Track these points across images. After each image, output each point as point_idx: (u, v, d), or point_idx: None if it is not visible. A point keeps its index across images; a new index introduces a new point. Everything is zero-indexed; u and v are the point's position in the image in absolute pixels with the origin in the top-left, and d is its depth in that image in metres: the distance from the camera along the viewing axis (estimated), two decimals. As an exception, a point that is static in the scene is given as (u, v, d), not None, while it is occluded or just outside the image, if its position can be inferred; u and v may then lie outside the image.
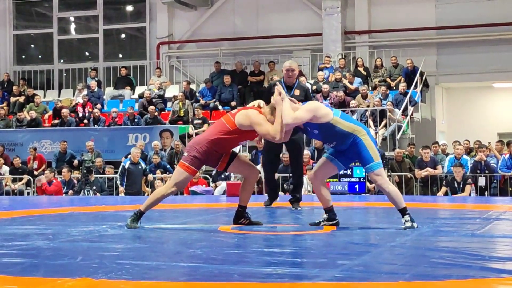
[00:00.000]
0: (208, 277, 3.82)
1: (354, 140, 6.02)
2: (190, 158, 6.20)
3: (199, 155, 6.18)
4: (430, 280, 3.66)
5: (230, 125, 6.14)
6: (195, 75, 20.86)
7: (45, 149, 17.89)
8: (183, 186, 6.39)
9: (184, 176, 6.24)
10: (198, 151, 6.18)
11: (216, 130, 6.22)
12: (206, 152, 6.17)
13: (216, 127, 6.26)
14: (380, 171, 6.06)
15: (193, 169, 6.22)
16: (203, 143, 6.19)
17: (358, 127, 6.08)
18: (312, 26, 19.73)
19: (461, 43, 18.81)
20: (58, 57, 22.52)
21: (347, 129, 6.02)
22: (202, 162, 6.26)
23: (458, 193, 12.97)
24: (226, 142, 6.19)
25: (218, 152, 6.24)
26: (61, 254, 4.65)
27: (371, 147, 6.03)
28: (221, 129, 6.17)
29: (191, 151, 6.22)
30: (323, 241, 5.44)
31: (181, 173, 6.25)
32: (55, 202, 11.57)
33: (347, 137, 6.02)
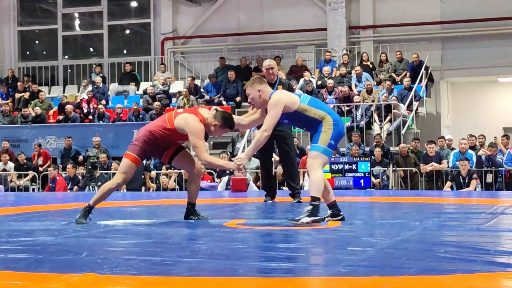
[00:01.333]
0: (213, 272, 3.82)
1: (318, 125, 6.01)
2: (133, 146, 6.31)
3: (141, 144, 6.27)
4: (436, 274, 3.65)
5: (169, 123, 6.21)
6: (200, 70, 20.86)
7: (50, 145, 17.92)
8: (129, 176, 6.37)
9: (127, 164, 6.28)
10: (138, 140, 6.29)
11: (156, 124, 6.31)
12: (146, 142, 6.25)
13: (158, 121, 6.35)
14: (316, 154, 5.94)
15: (135, 157, 6.26)
16: (144, 134, 6.29)
17: (327, 115, 6.03)
18: (316, 21, 19.71)
19: (466, 38, 18.77)
20: (62, 53, 22.54)
21: (315, 116, 6.00)
22: (145, 151, 6.31)
23: (464, 188, 12.95)
24: (163, 137, 6.26)
25: (159, 144, 6.30)
26: (66, 250, 4.65)
27: (325, 132, 5.96)
28: (161, 125, 6.25)
29: (135, 140, 6.35)
30: (328, 236, 5.43)
31: (124, 162, 6.32)
32: (60, 198, 11.59)
33: (316, 123, 6.02)
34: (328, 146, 5.97)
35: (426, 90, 17.95)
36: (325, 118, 6.01)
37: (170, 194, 12.77)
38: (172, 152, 6.41)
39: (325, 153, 5.98)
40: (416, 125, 16.91)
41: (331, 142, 5.99)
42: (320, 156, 5.97)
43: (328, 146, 5.97)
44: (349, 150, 14.98)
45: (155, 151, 6.43)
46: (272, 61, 9.15)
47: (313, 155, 5.98)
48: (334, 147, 6.09)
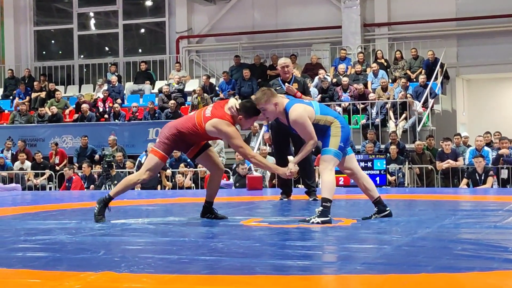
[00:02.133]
0: (230, 270, 3.83)
1: (327, 130, 6.08)
2: (160, 144, 6.26)
3: (167, 141, 6.23)
4: (453, 272, 3.64)
5: (200, 128, 6.16)
6: (215, 69, 20.88)
7: (66, 144, 18.00)
8: (155, 172, 6.42)
9: (154, 162, 6.25)
10: (167, 137, 6.23)
11: (186, 125, 6.24)
12: (174, 139, 6.23)
13: (188, 123, 6.26)
14: (328, 158, 6.03)
15: (162, 154, 6.24)
16: (173, 131, 6.24)
17: (334, 119, 6.11)
18: (331, 19, 19.68)
19: (482, 34, 18.68)
20: (78, 52, 22.63)
21: (325, 123, 6.09)
22: (171, 147, 6.29)
23: (480, 185, 12.89)
24: (194, 137, 6.26)
25: (186, 141, 6.30)
26: (83, 248, 4.68)
27: (334, 135, 6.03)
28: (191, 127, 6.20)
29: (161, 137, 6.28)
30: (345, 234, 5.43)
31: (151, 159, 6.29)
32: (76, 197, 11.64)
33: (324, 129, 6.09)
34: (338, 149, 6.07)
35: (442, 87, 17.88)
36: (334, 123, 6.10)
37: (186, 193, 12.81)
38: (197, 149, 6.40)
39: (337, 155, 6.07)
40: (431, 122, 16.86)
41: (340, 145, 6.09)
42: (332, 159, 6.06)
43: (338, 148, 6.07)
44: (364, 148, 14.95)
45: (181, 147, 6.42)
46: (287, 59, 9.20)
47: (326, 159, 6.06)
48: (343, 149, 6.16)
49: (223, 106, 6.28)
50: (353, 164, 6.34)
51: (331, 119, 6.10)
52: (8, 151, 17.64)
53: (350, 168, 6.31)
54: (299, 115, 6.02)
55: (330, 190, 6.06)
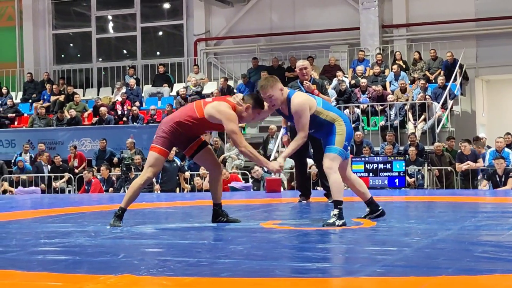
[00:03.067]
0: (249, 273, 3.82)
1: (331, 127, 6.06)
2: (158, 139, 6.18)
3: (165, 135, 6.15)
4: (474, 274, 3.62)
5: (199, 113, 6.07)
6: (233, 71, 20.89)
7: (85, 147, 18.09)
8: (158, 169, 6.32)
9: (154, 158, 6.16)
10: (165, 131, 6.15)
11: (183, 113, 6.17)
12: (172, 132, 6.13)
13: (185, 110, 6.20)
14: (333, 156, 5.99)
15: (161, 149, 6.15)
16: (169, 123, 6.16)
17: (338, 117, 6.09)
18: (349, 20, 19.63)
19: (501, 35, 18.56)
20: (96, 55, 22.73)
21: (327, 119, 6.06)
22: (171, 141, 6.18)
23: (500, 187, 12.80)
24: (191, 127, 6.13)
25: (185, 134, 6.18)
26: (103, 251, 4.69)
27: (339, 134, 6.02)
28: (189, 114, 6.11)
29: (159, 132, 6.20)
30: (364, 236, 5.41)
31: (151, 156, 6.20)
32: (96, 200, 11.68)
33: (326, 126, 6.07)
34: (343, 148, 6.05)
35: (461, 88, 17.79)
36: (337, 120, 6.08)
37: (205, 195, 12.80)
38: (195, 147, 6.31)
39: (341, 154, 6.05)
40: (451, 123, 16.77)
41: (345, 144, 6.07)
42: (336, 157, 6.03)
43: (343, 147, 6.05)
44: (383, 150, 14.90)
45: (180, 142, 6.29)
46: (305, 61, 9.21)
47: (331, 157, 6.02)
48: (347, 148, 6.14)
49: (225, 97, 6.28)
50: (346, 166, 6.28)
51: (334, 116, 6.07)
52: (27, 154, 17.74)
53: (343, 170, 6.20)
54: (301, 104, 6.01)
55: (341, 191, 6.04)
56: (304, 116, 6.00)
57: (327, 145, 6.08)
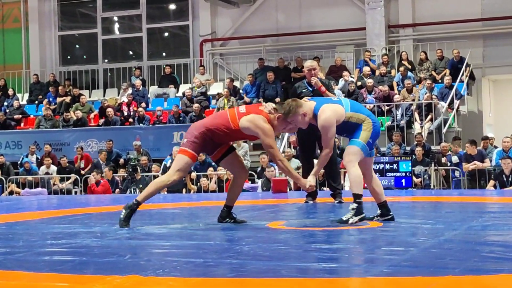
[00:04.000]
0: (255, 273, 3.82)
1: (358, 126, 6.02)
2: (189, 143, 6.10)
3: (197, 140, 6.08)
4: (481, 274, 3.60)
5: (233, 124, 6.05)
6: (239, 72, 20.90)
7: (92, 148, 18.11)
8: (186, 172, 6.28)
9: (184, 162, 6.09)
10: (196, 136, 6.09)
11: (217, 122, 6.12)
12: (203, 138, 6.08)
13: (219, 119, 6.14)
14: (355, 150, 5.95)
15: (192, 153, 6.09)
16: (201, 129, 6.10)
17: (367, 118, 6.04)
18: (355, 21, 19.62)
19: (508, 34, 18.52)
20: (102, 57, 22.76)
21: (357, 121, 6.03)
22: (201, 146, 6.12)
23: (507, 187, 12.77)
24: (224, 136, 6.12)
25: (215, 141, 6.17)
26: (109, 252, 4.69)
27: (366, 130, 5.98)
28: (223, 124, 6.07)
29: (190, 136, 6.13)
30: (371, 236, 5.40)
31: (181, 159, 6.11)
32: (102, 201, 11.69)
33: (356, 126, 6.04)
34: (367, 144, 5.99)
35: (467, 88, 17.76)
36: (366, 120, 6.04)
37: (211, 196, 12.81)
38: (223, 151, 6.27)
39: (363, 149, 5.99)
40: (457, 123, 16.74)
41: (369, 141, 6.01)
42: (359, 152, 5.98)
43: (367, 143, 5.99)
44: (389, 150, 14.88)
45: (209, 148, 6.24)
46: (313, 62, 9.19)
47: (353, 151, 5.98)
48: (371, 146, 6.09)
49: (257, 106, 6.21)
50: (370, 164, 6.25)
51: (363, 117, 6.03)
52: (33, 155, 17.77)
53: (365, 167, 6.18)
54: (327, 120, 5.94)
55: (360, 185, 6.00)
56: (330, 132, 5.97)
57: (351, 138, 6.05)
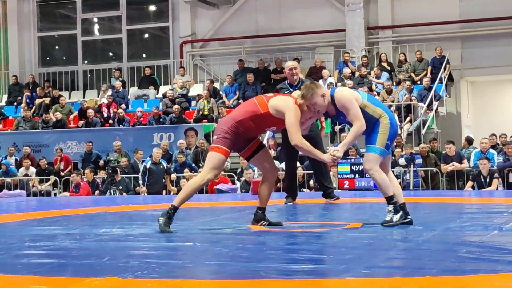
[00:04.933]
0: (234, 275, 3.83)
1: (374, 123, 5.95)
2: (220, 140, 5.91)
3: (228, 135, 5.89)
4: (458, 275, 3.63)
5: (262, 108, 5.87)
6: (219, 73, 20.89)
7: (71, 149, 18.04)
8: (220, 170, 6.07)
9: (218, 158, 5.89)
10: (226, 131, 5.89)
11: (245, 110, 5.93)
12: (234, 132, 5.88)
13: (246, 107, 5.98)
14: (373, 157, 5.91)
15: (225, 149, 5.88)
16: (230, 123, 5.90)
17: (384, 113, 5.97)
18: (335, 22, 19.67)
19: (486, 36, 18.66)
20: (82, 58, 22.67)
21: (373, 114, 5.94)
22: (232, 141, 5.90)
23: (485, 187, 12.86)
24: (252, 125, 5.91)
25: (246, 134, 5.95)
26: (88, 254, 4.67)
27: (382, 133, 5.91)
28: (251, 111, 5.88)
29: (220, 133, 5.93)
30: (349, 238, 5.42)
31: (214, 156, 5.91)
32: (81, 203, 11.65)
33: (373, 121, 5.95)
34: (385, 147, 5.96)
35: (446, 90, 17.87)
36: (383, 116, 5.96)
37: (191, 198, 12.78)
38: (254, 148, 6.06)
39: (382, 154, 5.96)
40: (436, 125, 16.84)
41: (387, 143, 5.98)
42: (378, 158, 5.94)
43: (385, 146, 5.95)
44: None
45: (240, 143, 6.02)
46: (295, 62, 9.18)
47: (371, 158, 5.94)
48: (389, 147, 6.05)
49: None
50: (387, 164, 6.17)
51: (380, 111, 5.95)
52: (12, 157, 17.67)
53: (382, 167, 6.08)
54: (345, 95, 5.90)
55: (389, 187, 5.97)
56: (353, 106, 5.86)
57: (368, 143, 5.99)
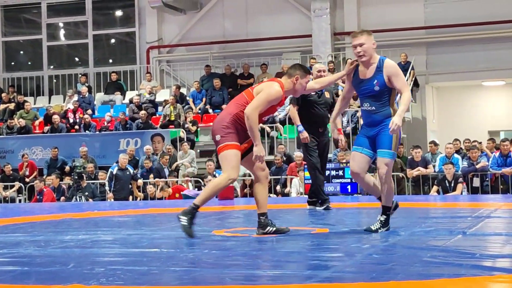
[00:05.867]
0: (200, 281, 3.82)
1: (385, 124, 5.94)
2: (225, 137, 5.77)
3: (230, 130, 5.78)
4: (422, 279, 3.66)
5: (249, 98, 5.84)
6: (186, 78, 20.85)
7: (36, 155, 17.87)
8: (239, 167, 5.87)
9: (233, 155, 5.74)
10: (227, 127, 5.80)
11: (235, 104, 5.90)
12: (234, 125, 5.80)
13: (238, 101, 5.92)
14: (390, 162, 5.94)
15: (235, 144, 5.75)
16: (229, 117, 5.84)
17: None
18: (301, 28, 19.75)
19: (451, 42, 18.86)
20: (47, 63, 22.48)
21: (392, 106, 5.98)
22: (236, 134, 5.79)
23: (450, 192, 12.99)
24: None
25: (243, 129, 5.80)
26: (52, 261, 4.64)
27: (396, 136, 5.96)
28: (243, 103, 5.84)
29: (220, 132, 5.79)
30: (316, 243, 5.44)
31: (227, 155, 5.75)
32: (47, 209, 11.54)
33: (383, 117, 5.96)
34: (396, 150, 6.02)
35: (412, 95, 18.00)
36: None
37: (158, 203, 12.76)
38: (248, 147, 5.92)
39: (394, 157, 6.04)
40: (402, 130, 16.92)
41: (398, 146, 6.07)
42: (392, 162, 6.01)
43: (396, 150, 6.02)
44: (336, 156, 14.99)
45: (241, 138, 5.87)
46: (322, 65, 9.08)
47: (388, 163, 5.95)
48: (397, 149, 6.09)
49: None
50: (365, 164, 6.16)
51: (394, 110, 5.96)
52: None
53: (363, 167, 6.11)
54: (396, 66, 5.97)
55: (392, 198, 6.05)
56: (401, 74, 5.96)
57: (383, 148, 5.95)
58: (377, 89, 5.92)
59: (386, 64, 5.93)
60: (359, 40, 5.95)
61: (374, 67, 5.94)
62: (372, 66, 5.95)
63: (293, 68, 6.03)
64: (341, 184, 13.01)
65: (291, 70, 6.00)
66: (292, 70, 6.00)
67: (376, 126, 5.97)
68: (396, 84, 5.88)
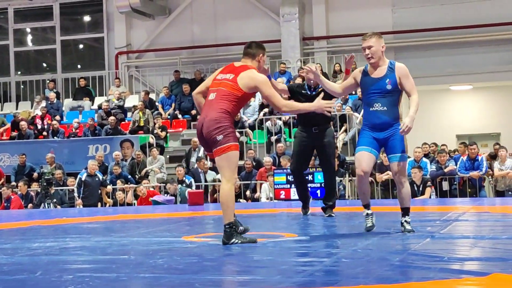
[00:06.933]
0: (169, 287, 3.81)
1: (395, 127, 6.08)
2: (228, 137, 5.63)
3: (231, 129, 5.67)
4: (391, 283, 3.68)
5: (237, 92, 5.75)
6: (155, 84, 20.79)
7: (3, 162, 17.69)
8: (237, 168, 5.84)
9: (237, 156, 5.68)
10: (228, 126, 5.66)
11: (224, 100, 5.72)
12: (232, 123, 5.72)
13: (222, 97, 5.74)
14: (405, 164, 6.11)
15: (235, 144, 5.67)
16: (225, 116, 5.67)
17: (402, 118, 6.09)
18: (270, 33, 19.78)
19: (418, 47, 19.02)
20: (15, 69, 22.29)
21: (400, 109, 6.15)
22: (234, 132, 5.73)
23: (418, 196, 13.07)
24: (237, 111, 5.87)
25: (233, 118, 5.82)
26: (20, 269, 4.59)
27: (405, 139, 6.14)
28: (232, 99, 5.73)
29: (222, 131, 5.62)
30: (285, 248, 5.44)
31: (233, 156, 5.65)
32: (14, 216, 11.43)
33: (392, 120, 6.14)
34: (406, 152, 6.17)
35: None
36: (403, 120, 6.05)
37: (127, 209, 12.69)
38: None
39: (407, 159, 6.18)
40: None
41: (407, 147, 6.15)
42: (406, 164, 6.17)
43: (406, 151, 6.17)
44: (305, 161, 15.00)
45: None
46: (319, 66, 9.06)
47: (403, 165, 6.10)
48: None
49: (233, 67, 6.05)
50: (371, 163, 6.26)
51: (401, 113, 6.11)
52: None
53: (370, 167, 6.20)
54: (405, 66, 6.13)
55: (410, 198, 6.24)
56: (411, 77, 6.13)
57: (397, 152, 6.08)
58: (389, 88, 6.12)
59: (398, 65, 6.17)
60: (368, 42, 6.10)
61: (385, 68, 6.15)
62: (382, 67, 6.15)
63: (251, 48, 6.10)
64: (310, 188, 13.02)
65: (252, 50, 6.08)
66: (254, 50, 6.09)
67: (387, 129, 6.13)
68: (406, 86, 6.14)
